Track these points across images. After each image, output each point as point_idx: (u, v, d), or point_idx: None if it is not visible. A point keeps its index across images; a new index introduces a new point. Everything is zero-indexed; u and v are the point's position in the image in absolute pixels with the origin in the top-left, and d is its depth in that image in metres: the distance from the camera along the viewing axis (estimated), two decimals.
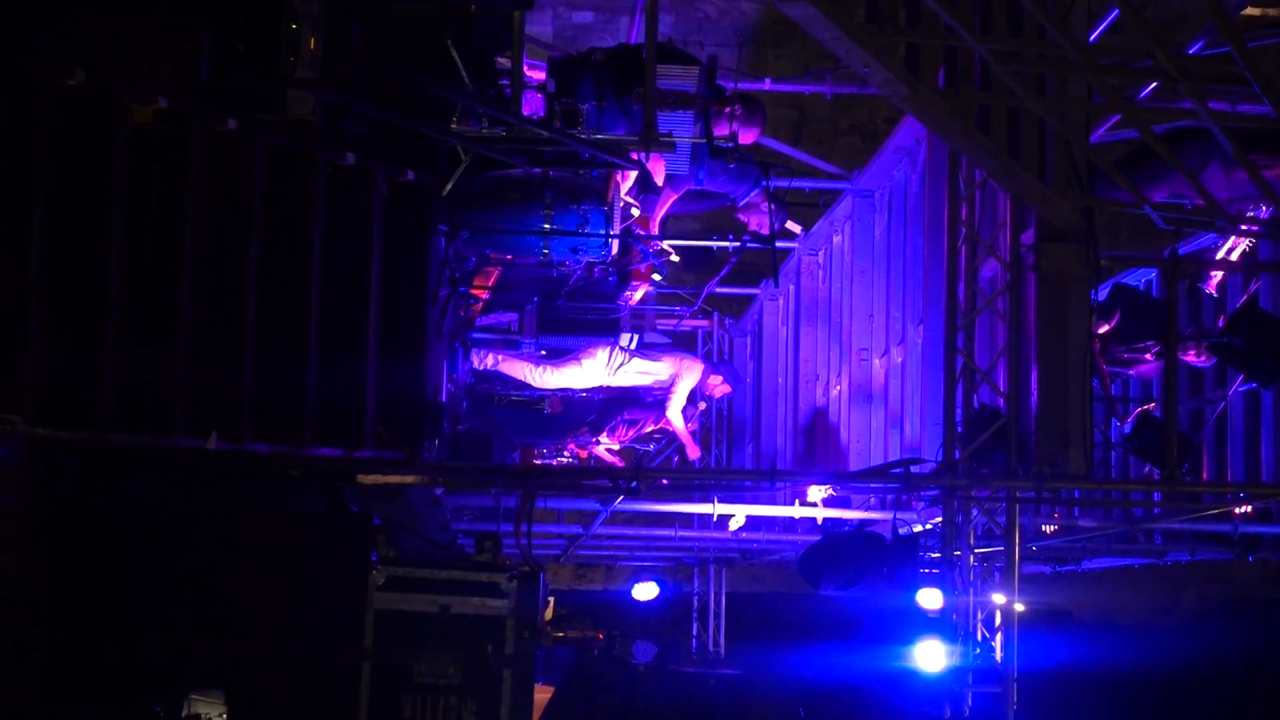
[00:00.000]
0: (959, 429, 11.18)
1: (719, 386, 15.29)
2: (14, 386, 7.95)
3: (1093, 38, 10.41)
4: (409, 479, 9.60)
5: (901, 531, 12.39)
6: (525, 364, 13.64)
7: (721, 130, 11.28)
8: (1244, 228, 11.28)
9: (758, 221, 13.36)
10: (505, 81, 10.40)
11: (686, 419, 15.50)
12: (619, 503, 13.11)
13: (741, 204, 13.15)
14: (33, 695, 8.45)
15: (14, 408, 7.92)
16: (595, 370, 13.95)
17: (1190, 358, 13.36)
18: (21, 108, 8.07)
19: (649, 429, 14.98)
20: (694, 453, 15.35)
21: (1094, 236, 10.27)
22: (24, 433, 8.00)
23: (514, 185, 10.56)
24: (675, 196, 12.45)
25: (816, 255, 17.40)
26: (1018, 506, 11.52)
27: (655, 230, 12.40)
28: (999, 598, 11.84)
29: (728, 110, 11.39)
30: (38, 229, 8.05)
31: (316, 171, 9.30)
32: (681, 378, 14.44)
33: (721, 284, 18.09)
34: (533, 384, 13.85)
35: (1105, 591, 22.76)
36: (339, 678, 9.14)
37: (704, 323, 20.54)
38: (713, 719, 9.86)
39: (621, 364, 14.00)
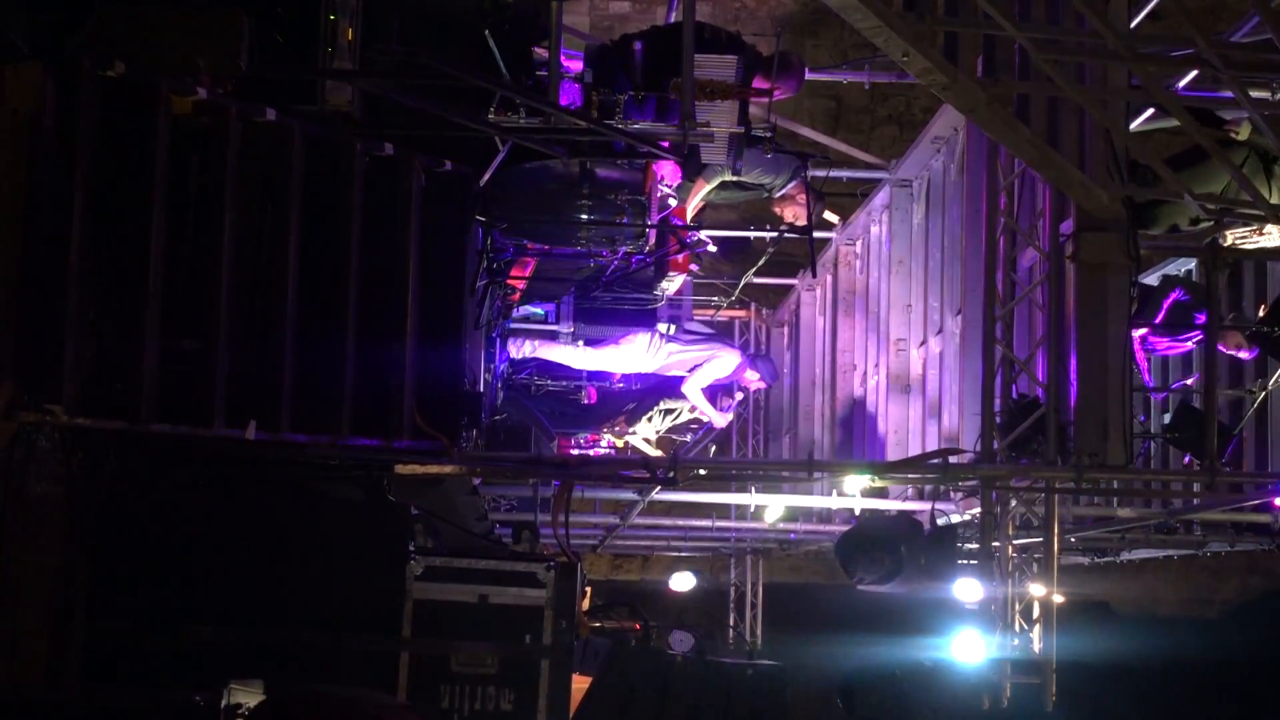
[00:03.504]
0: (997, 419, 11.14)
1: (754, 381, 15.29)
2: (55, 377, 7.98)
3: (1132, 25, 10.36)
4: (446, 469, 9.62)
5: (940, 522, 12.37)
6: (565, 346, 13.67)
7: (760, 85, 11.24)
8: None
9: (794, 213, 13.34)
10: (543, 71, 10.39)
11: (723, 409, 15.49)
12: (656, 493, 13.12)
13: (777, 195, 13.13)
14: (74, 684, 8.50)
15: (55, 398, 7.95)
16: (634, 355, 13.96)
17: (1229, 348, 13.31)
18: (62, 99, 8.09)
19: (686, 418, 14.98)
20: (719, 422, 15.27)
21: (1134, 225, 10.23)
22: (65, 423, 8.04)
23: (551, 176, 10.55)
24: (708, 186, 12.43)
25: (854, 245, 17.38)
26: (1056, 497, 11.49)
27: (688, 219, 12.39)
28: (1037, 589, 11.82)
29: (761, 70, 11.37)
30: (78, 220, 8.08)
31: (354, 162, 9.31)
32: (716, 357, 14.43)
33: (759, 274, 18.07)
34: (572, 365, 13.86)
35: (1144, 583, 22.69)
36: (377, 667, 9.16)
37: (741, 313, 20.54)
38: (750, 709, 9.83)
39: (660, 350, 14.01)
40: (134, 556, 8.90)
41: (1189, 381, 14.53)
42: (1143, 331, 13.23)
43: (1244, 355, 13.74)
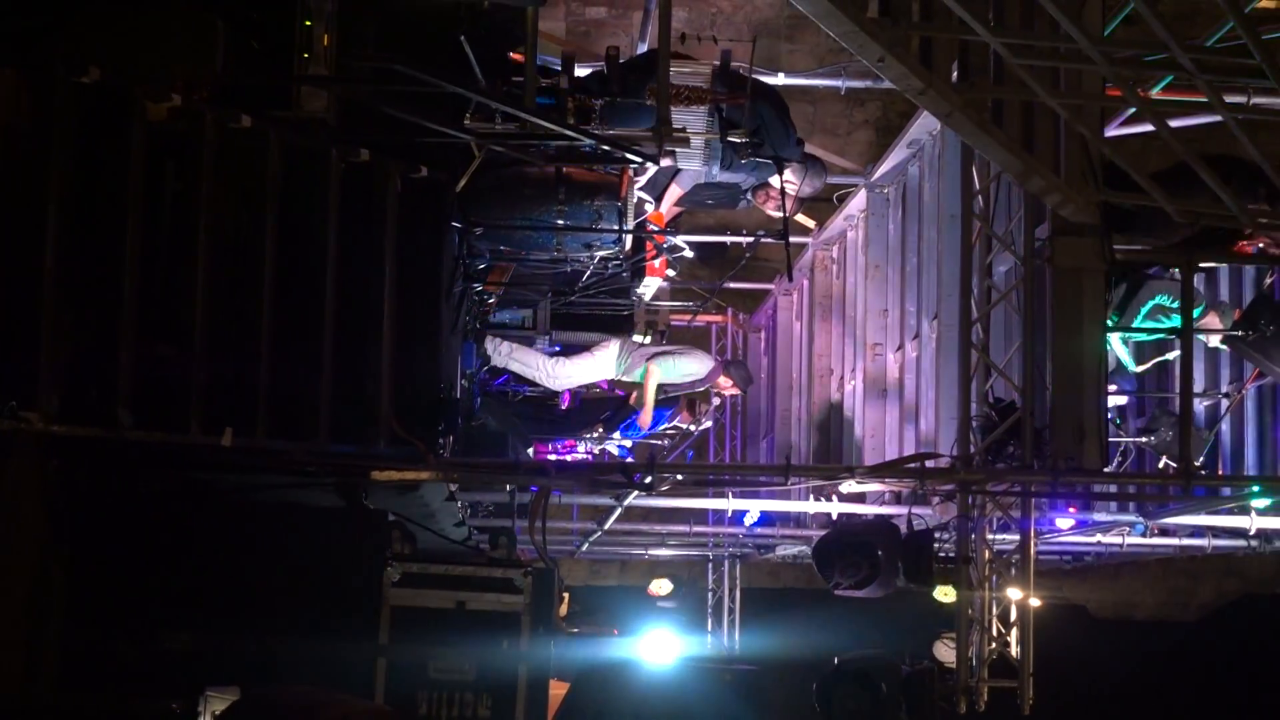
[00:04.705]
0: (974, 423, 11.17)
1: (729, 388, 15.27)
2: (30, 384, 7.96)
3: (1107, 31, 10.39)
4: (423, 475, 9.60)
5: (916, 526, 12.39)
6: (539, 357, 13.62)
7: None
8: (1261, 221, 11.23)
9: (775, 204, 13.28)
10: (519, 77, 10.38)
11: (703, 415, 15.48)
12: (633, 498, 13.11)
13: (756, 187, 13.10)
14: (50, 692, 8.47)
15: (30, 405, 7.93)
16: (608, 363, 13.94)
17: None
18: (37, 105, 8.07)
19: (663, 425, 14.97)
20: (645, 420, 14.83)
21: (1109, 230, 10.26)
22: (40, 431, 8.01)
23: (527, 181, 10.54)
24: (684, 192, 12.43)
25: (830, 250, 17.39)
26: (1033, 501, 11.51)
27: (664, 224, 12.39)
28: (1014, 592, 11.83)
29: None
30: (53, 227, 8.07)
31: (330, 168, 9.30)
32: (686, 354, 14.31)
33: (735, 279, 18.07)
34: (544, 380, 13.83)
35: (1120, 586, 22.74)
36: (354, 674, 9.14)
37: (718, 318, 20.54)
38: (728, 713, 9.85)
39: (633, 356, 13.98)
40: (110, 563, 8.87)
41: (1169, 356, 14.51)
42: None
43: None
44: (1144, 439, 13.99)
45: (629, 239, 11.02)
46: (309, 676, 8.85)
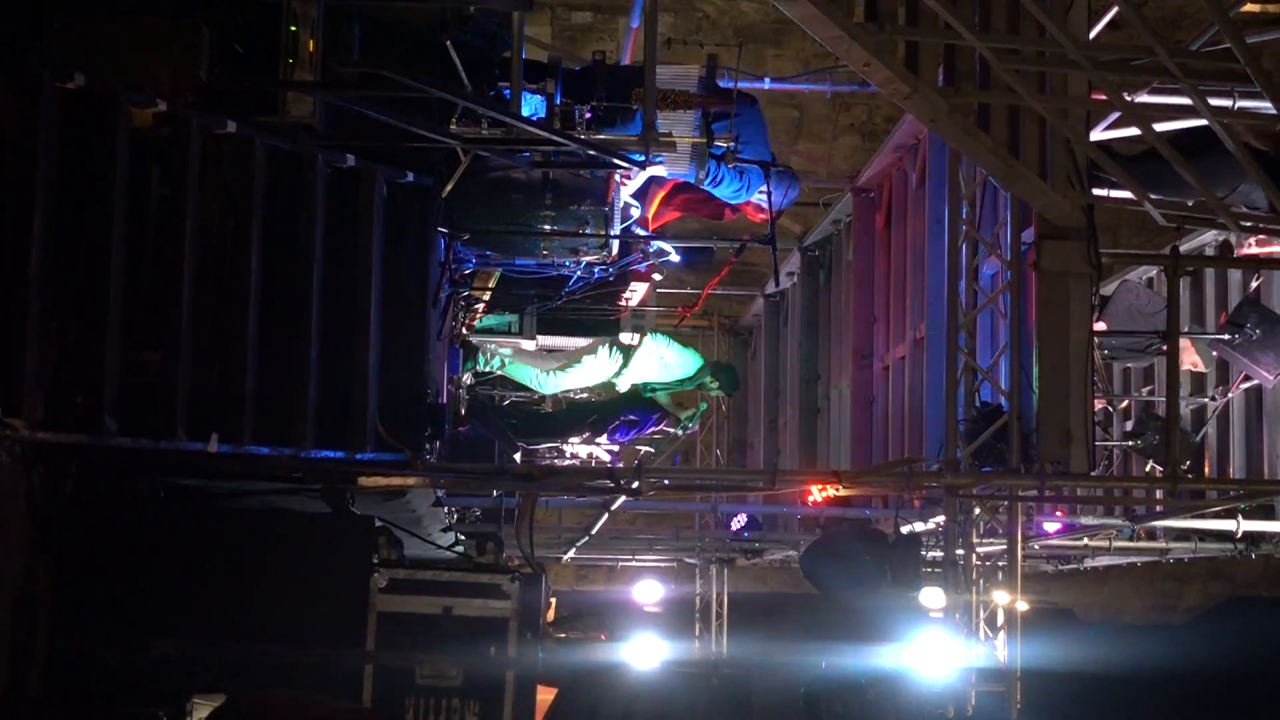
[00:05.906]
0: (961, 427, 11.17)
1: (715, 390, 15.26)
2: (15, 390, 7.92)
3: (1092, 35, 10.41)
4: (410, 481, 9.58)
5: (904, 530, 12.40)
6: (531, 369, 13.63)
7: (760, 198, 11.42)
8: (1245, 224, 11.26)
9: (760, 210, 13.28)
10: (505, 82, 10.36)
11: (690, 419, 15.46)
12: (620, 503, 13.11)
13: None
14: (36, 699, 8.44)
15: (15, 412, 7.90)
16: (600, 367, 13.93)
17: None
18: (22, 111, 8.05)
19: (651, 430, 14.96)
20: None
21: (1095, 234, 10.27)
22: (26, 437, 7.98)
23: (514, 186, 10.53)
24: (663, 192, 12.43)
25: (817, 255, 17.42)
26: (1020, 505, 11.52)
27: (650, 226, 12.38)
28: (1001, 596, 11.84)
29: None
30: (38, 232, 8.03)
31: (316, 173, 9.28)
32: (677, 355, 14.29)
33: (722, 284, 18.08)
34: (539, 389, 13.82)
35: (1107, 589, 22.78)
36: (342, 680, 9.13)
37: (704, 323, 20.56)
38: (715, 718, 9.84)
39: (619, 358, 13.97)
40: (96, 570, 8.84)
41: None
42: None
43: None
44: (1130, 443, 14.01)
45: (615, 243, 11.02)
46: (296, 683, 8.84)
